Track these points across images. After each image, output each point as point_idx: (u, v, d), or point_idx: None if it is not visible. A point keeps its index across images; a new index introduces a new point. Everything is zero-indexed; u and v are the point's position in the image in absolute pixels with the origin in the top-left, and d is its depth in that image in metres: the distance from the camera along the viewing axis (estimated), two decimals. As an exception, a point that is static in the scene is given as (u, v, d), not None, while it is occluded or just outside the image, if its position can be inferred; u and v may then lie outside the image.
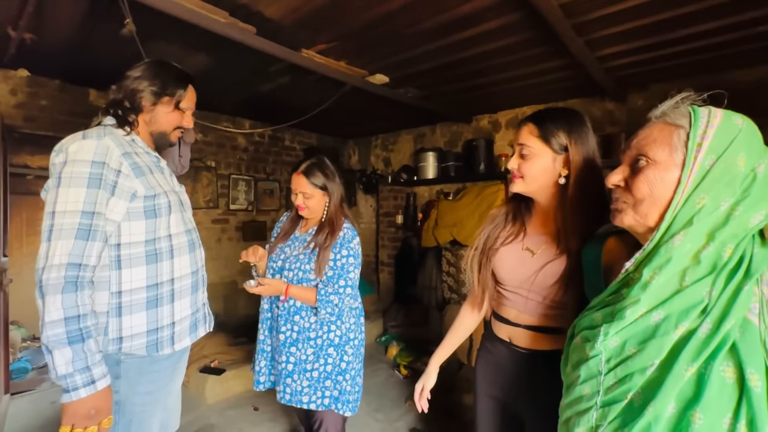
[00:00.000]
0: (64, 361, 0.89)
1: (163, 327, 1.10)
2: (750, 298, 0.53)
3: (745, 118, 0.60)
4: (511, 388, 1.04)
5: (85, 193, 0.95)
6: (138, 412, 1.08)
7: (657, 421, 0.56)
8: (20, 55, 2.26)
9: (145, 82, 1.11)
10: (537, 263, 0.96)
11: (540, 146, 0.93)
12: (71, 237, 0.92)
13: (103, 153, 0.99)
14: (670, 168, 0.60)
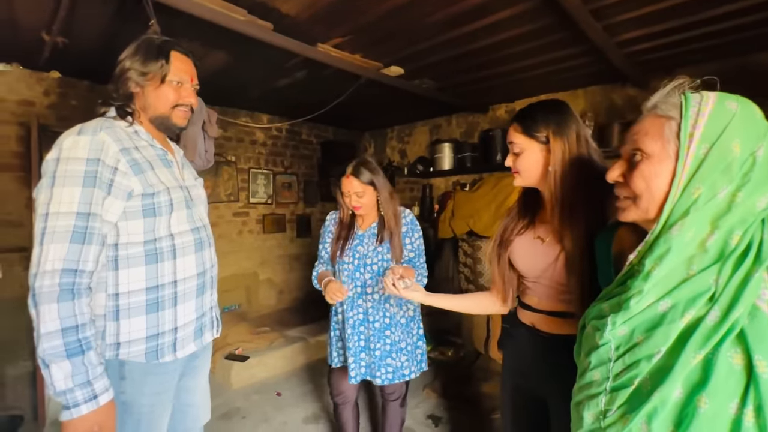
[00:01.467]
0: (62, 375, 0.83)
1: (165, 333, 1.03)
2: (759, 285, 0.54)
3: (741, 100, 0.59)
4: (535, 372, 1.07)
5: (80, 193, 0.87)
6: (146, 412, 1.04)
7: (663, 405, 0.57)
8: (53, 58, 2.37)
9: (128, 63, 1.02)
10: (548, 250, 1.01)
11: (526, 141, 1.00)
12: (66, 240, 0.85)
13: (99, 149, 0.92)
14: (664, 161, 0.61)
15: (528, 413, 1.11)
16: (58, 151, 0.91)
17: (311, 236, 4.38)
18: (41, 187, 0.89)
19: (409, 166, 4.15)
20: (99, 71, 2.66)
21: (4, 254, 2.46)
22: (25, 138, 2.55)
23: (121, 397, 0.99)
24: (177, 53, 1.07)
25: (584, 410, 0.69)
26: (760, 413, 0.51)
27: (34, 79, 2.63)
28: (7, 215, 2.51)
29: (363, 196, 1.62)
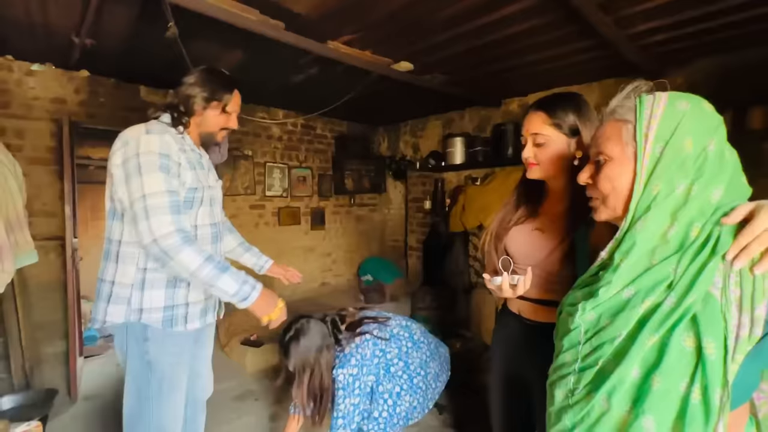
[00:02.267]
0: (228, 283, 1.11)
1: (179, 306, 1.22)
2: (713, 274, 0.57)
3: (692, 99, 0.62)
4: (521, 357, 1.12)
5: (162, 178, 1.11)
6: (168, 371, 1.23)
7: (622, 383, 0.62)
8: (82, 58, 2.52)
9: (197, 89, 1.26)
10: (546, 241, 1.03)
11: (554, 133, 0.97)
12: (167, 213, 1.08)
13: (167, 146, 1.15)
14: (625, 162, 0.65)
15: (515, 398, 1.16)
16: (136, 148, 1.11)
17: (325, 229, 4.49)
18: (130, 176, 1.10)
19: (421, 160, 4.18)
20: (124, 69, 2.81)
21: (40, 242, 2.64)
22: (57, 134, 2.72)
23: (146, 357, 1.19)
24: (237, 91, 1.34)
25: (556, 389, 0.74)
26: (705, 392, 0.55)
27: (66, 78, 2.80)
28: (43, 206, 2.70)
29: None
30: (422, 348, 1.78)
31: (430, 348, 1.84)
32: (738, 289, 0.56)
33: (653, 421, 0.59)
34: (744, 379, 0.60)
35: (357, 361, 1.55)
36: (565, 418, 0.70)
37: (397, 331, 1.74)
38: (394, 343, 1.69)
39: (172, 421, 1.27)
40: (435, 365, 1.81)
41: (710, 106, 0.64)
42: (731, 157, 0.62)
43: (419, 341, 1.79)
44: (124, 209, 1.16)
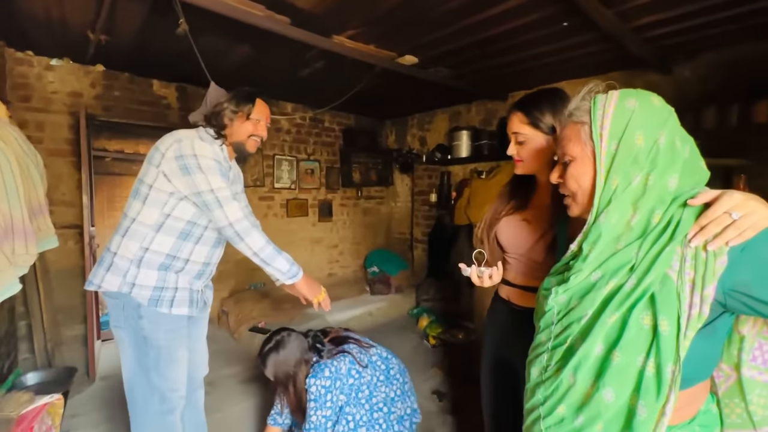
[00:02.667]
0: (282, 263, 1.34)
1: (167, 288, 1.35)
2: (671, 257, 0.61)
3: (640, 95, 0.66)
4: (509, 341, 1.18)
5: (220, 178, 1.32)
6: (164, 345, 1.35)
7: (586, 358, 0.67)
8: (97, 53, 2.62)
9: (225, 104, 1.43)
10: (532, 232, 1.09)
11: (531, 131, 1.03)
12: (231, 202, 1.31)
13: (217, 155, 1.37)
14: (585, 161, 0.69)
15: (503, 380, 1.22)
16: (192, 149, 1.31)
17: (332, 221, 4.56)
18: (192, 172, 1.30)
19: (428, 153, 4.21)
20: (137, 64, 2.90)
21: (60, 230, 2.76)
22: (75, 126, 2.84)
23: (141, 333, 1.31)
24: (260, 99, 1.50)
25: (532, 367, 0.80)
26: (659, 366, 0.60)
27: (82, 72, 2.91)
28: (62, 195, 2.83)
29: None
30: (393, 385, 1.72)
31: (402, 388, 1.77)
32: (692, 271, 0.60)
33: (612, 392, 0.64)
34: (701, 358, 0.64)
35: (331, 373, 1.53)
36: (538, 392, 0.75)
37: (375, 359, 1.70)
38: (370, 371, 1.65)
39: (175, 387, 1.38)
40: (401, 407, 1.73)
41: (660, 100, 0.67)
42: (684, 146, 0.65)
43: (394, 377, 1.74)
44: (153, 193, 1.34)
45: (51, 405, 1.51)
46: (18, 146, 1.47)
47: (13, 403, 1.41)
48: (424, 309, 3.88)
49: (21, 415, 1.38)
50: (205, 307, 1.56)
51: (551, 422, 0.71)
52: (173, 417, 1.41)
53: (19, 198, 1.34)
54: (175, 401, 1.40)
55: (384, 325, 3.77)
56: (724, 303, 0.60)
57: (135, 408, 1.40)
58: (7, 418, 1.33)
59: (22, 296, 2.59)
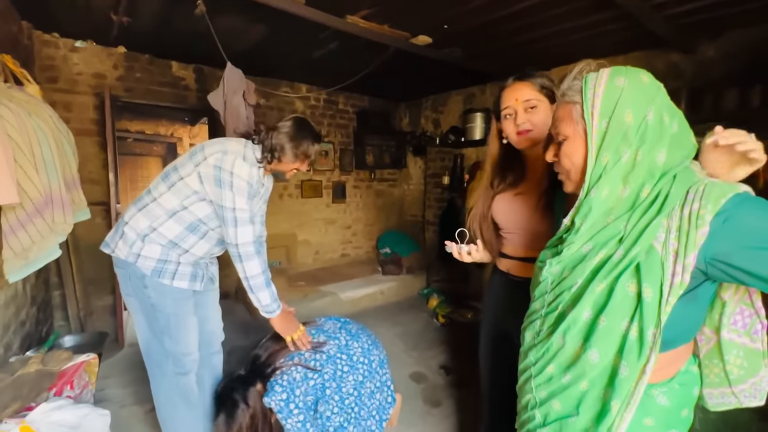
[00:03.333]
0: (265, 296, 1.41)
1: (170, 262, 1.43)
2: (657, 229, 0.65)
3: (629, 73, 0.68)
4: (506, 313, 1.24)
5: (246, 201, 1.40)
6: (172, 312, 1.44)
7: (575, 323, 0.72)
8: (119, 35, 2.70)
9: (288, 144, 1.47)
10: (527, 203, 1.13)
11: (542, 97, 1.07)
12: (247, 224, 1.39)
13: (252, 177, 1.42)
14: (578, 140, 0.72)
15: (500, 349, 1.28)
16: (232, 166, 1.38)
17: (346, 202, 4.64)
18: (224, 186, 1.38)
19: (441, 135, 4.20)
20: (157, 45, 2.98)
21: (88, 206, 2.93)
22: (99, 107, 2.95)
23: (149, 300, 1.41)
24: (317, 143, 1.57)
25: (526, 332, 0.85)
26: (641, 330, 0.65)
27: (105, 54, 3.00)
28: (89, 174, 2.97)
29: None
30: (359, 369, 1.70)
31: (370, 367, 1.75)
32: (676, 242, 0.64)
33: (598, 353, 0.69)
34: (683, 323, 0.69)
35: (283, 387, 1.49)
36: (530, 355, 0.81)
37: (334, 353, 1.67)
38: (331, 365, 1.63)
39: (187, 350, 1.49)
40: (370, 385, 1.73)
41: (648, 77, 0.69)
42: (672, 121, 0.68)
43: (357, 362, 1.71)
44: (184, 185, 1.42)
45: (88, 363, 1.65)
46: (53, 124, 1.57)
47: (55, 359, 1.55)
48: (434, 289, 3.96)
49: (62, 371, 1.52)
50: (210, 282, 1.64)
51: (541, 380, 0.77)
52: (187, 379, 1.51)
53: (57, 171, 1.45)
54: (189, 364, 1.50)
55: (395, 303, 3.87)
56: (706, 271, 0.63)
57: (152, 370, 1.51)
58: (51, 371, 1.47)
59: (55, 268, 2.77)
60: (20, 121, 1.26)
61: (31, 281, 2.27)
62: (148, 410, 2.04)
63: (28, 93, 1.60)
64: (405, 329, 3.24)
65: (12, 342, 1.84)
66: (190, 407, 1.53)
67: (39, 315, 2.39)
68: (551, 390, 0.76)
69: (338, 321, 1.91)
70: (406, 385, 2.36)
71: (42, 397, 1.38)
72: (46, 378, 1.43)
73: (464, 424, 2.03)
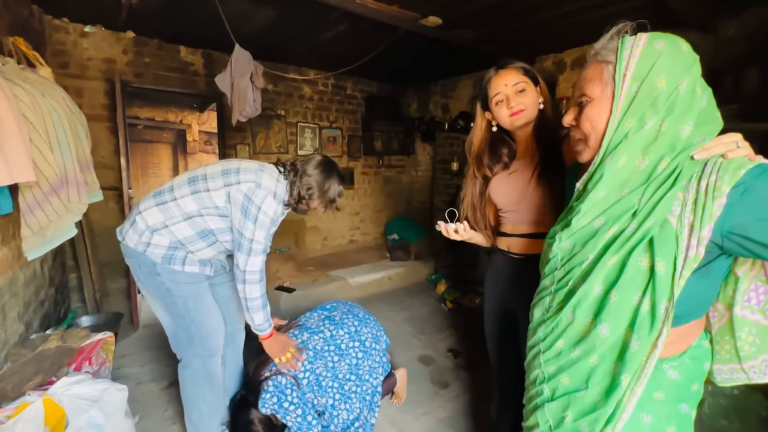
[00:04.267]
0: (259, 317, 1.45)
1: (179, 248, 1.46)
2: (671, 203, 0.64)
3: (669, 38, 0.65)
4: (507, 290, 1.25)
5: (265, 235, 1.43)
6: (188, 293, 1.47)
7: (585, 298, 0.71)
8: (128, 19, 2.69)
9: (318, 192, 1.52)
10: (522, 179, 1.17)
11: (528, 80, 1.14)
12: (259, 255, 1.43)
13: (277, 215, 1.47)
14: (603, 102, 0.69)
15: (505, 327, 1.30)
16: (261, 202, 1.41)
17: (354, 188, 4.64)
18: (248, 217, 1.41)
19: (450, 121, 4.15)
20: (165, 29, 2.97)
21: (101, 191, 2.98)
22: (110, 92, 2.97)
23: (164, 286, 1.44)
24: None
25: (535, 309, 0.85)
26: (653, 304, 0.64)
27: (115, 39, 3.00)
28: (101, 159, 3.01)
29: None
30: (351, 353, 1.75)
31: (363, 347, 1.80)
32: (692, 215, 0.62)
33: (608, 328, 0.69)
34: (696, 297, 0.68)
35: (271, 393, 1.55)
36: (539, 331, 0.81)
37: (321, 346, 1.70)
38: (320, 360, 1.67)
39: (212, 331, 1.52)
40: (367, 362, 1.78)
41: (687, 46, 0.66)
42: (703, 94, 0.66)
43: (348, 348, 1.76)
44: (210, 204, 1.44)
45: (105, 341, 1.70)
46: (66, 105, 1.59)
47: (73, 337, 1.61)
48: (442, 275, 3.97)
49: (81, 347, 1.57)
50: (222, 269, 1.67)
51: (550, 356, 0.78)
52: (214, 360, 1.55)
53: (71, 151, 1.47)
54: (215, 345, 1.54)
55: (403, 288, 3.90)
56: (721, 245, 0.62)
57: (181, 353, 1.55)
58: (70, 348, 1.52)
59: (71, 251, 2.84)
60: (35, 102, 1.28)
61: (49, 263, 2.33)
62: (163, 387, 2.10)
63: (41, 75, 1.62)
64: (413, 314, 3.27)
65: (32, 320, 1.90)
66: (214, 388, 1.58)
67: (57, 296, 2.46)
68: (560, 365, 0.76)
69: (323, 310, 1.94)
70: (414, 367, 2.39)
71: (62, 372, 1.43)
72: (66, 354, 1.48)
73: (472, 404, 2.06)
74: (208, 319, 1.52)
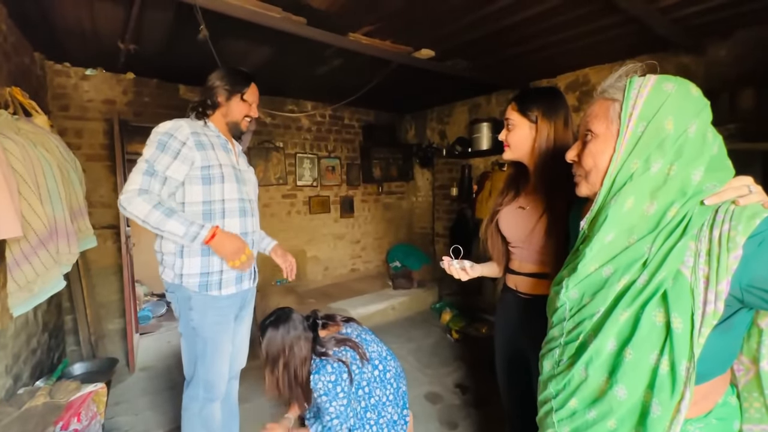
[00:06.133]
0: (175, 226, 1.23)
1: (213, 273, 1.38)
2: (683, 253, 0.60)
3: (679, 81, 0.63)
4: (517, 330, 1.20)
5: (153, 152, 1.29)
6: (210, 336, 1.41)
7: (598, 354, 0.66)
8: (127, 62, 2.75)
9: (219, 83, 1.46)
10: (528, 217, 1.13)
11: (518, 118, 1.12)
12: (139, 176, 1.27)
13: (175, 129, 1.33)
14: (608, 139, 0.67)
15: (516, 369, 1.24)
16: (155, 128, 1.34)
17: (354, 216, 4.62)
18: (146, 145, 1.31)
19: (447, 146, 4.17)
20: (164, 70, 3.03)
21: (99, 230, 2.95)
22: (109, 132, 3.00)
23: (191, 324, 1.38)
24: (253, 84, 1.51)
25: (544, 360, 0.80)
26: (673, 364, 0.59)
27: (114, 81, 3.06)
28: (100, 198, 3.01)
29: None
30: (387, 389, 1.70)
31: (396, 394, 1.75)
32: (706, 267, 0.58)
33: (626, 389, 0.63)
34: (718, 354, 0.63)
35: (333, 369, 1.52)
36: (550, 386, 0.75)
37: (374, 358, 1.69)
38: (370, 367, 1.64)
39: (218, 378, 1.46)
40: (392, 411, 1.71)
41: (697, 90, 0.64)
42: (714, 140, 0.63)
43: (389, 381, 1.71)
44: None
45: (96, 393, 1.63)
46: (59, 153, 1.59)
47: (62, 390, 1.54)
48: (447, 303, 3.88)
49: (69, 402, 1.50)
50: (255, 277, 1.57)
51: (563, 415, 0.71)
52: (213, 406, 1.48)
53: (62, 201, 1.45)
54: (218, 392, 1.48)
55: (407, 318, 3.80)
56: (742, 299, 0.58)
57: (185, 393, 1.48)
58: (58, 404, 1.45)
59: (67, 292, 2.79)
60: (25, 153, 1.27)
61: (43, 307, 2.28)
62: (158, 438, 2.00)
63: (35, 124, 1.62)
64: (418, 345, 3.16)
65: (22, 372, 1.83)
66: None
67: (51, 341, 2.39)
68: (575, 426, 0.70)
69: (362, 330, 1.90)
70: (421, 405, 2.28)
71: None
72: (53, 411, 1.41)
73: (482, 448, 1.95)
74: (219, 366, 1.45)
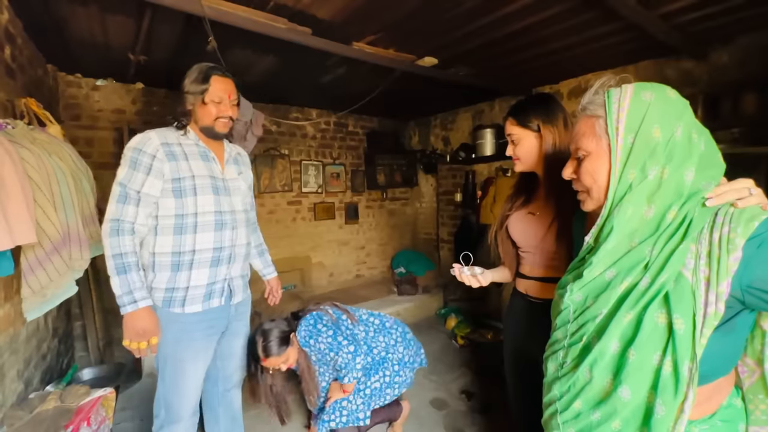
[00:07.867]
0: (116, 285, 1.19)
1: (178, 288, 1.29)
2: (685, 255, 0.61)
3: (656, 88, 0.65)
4: (526, 334, 1.21)
5: (126, 172, 1.25)
6: (170, 354, 1.31)
7: (602, 356, 0.67)
8: (137, 72, 2.82)
9: (185, 87, 1.34)
10: (539, 223, 1.15)
11: (521, 131, 1.13)
12: (113, 203, 1.24)
13: (143, 143, 1.27)
14: (601, 155, 0.69)
15: (526, 373, 1.24)
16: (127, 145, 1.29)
17: (359, 223, 4.64)
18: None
19: (451, 152, 4.20)
20: (172, 80, 3.09)
21: (108, 237, 3.01)
22: (119, 141, 3.06)
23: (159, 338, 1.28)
24: (217, 77, 1.34)
25: (548, 362, 0.80)
26: (675, 365, 0.60)
27: (124, 91, 3.13)
28: (109, 205, 3.06)
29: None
30: (392, 334, 1.84)
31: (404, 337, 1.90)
32: (707, 268, 0.59)
33: (629, 390, 0.64)
34: (721, 355, 0.64)
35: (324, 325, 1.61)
36: (555, 388, 0.76)
37: (365, 317, 1.83)
38: (362, 326, 1.77)
39: (179, 399, 1.34)
40: (404, 351, 1.86)
41: (675, 93, 0.66)
42: (700, 138, 0.64)
43: (390, 328, 1.86)
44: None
45: (105, 398, 1.65)
46: (72, 162, 1.63)
47: (72, 395, 1.56)
48: (452, 309, 3.87)
49: (79, 407, 1.52)
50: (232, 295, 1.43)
51: (568, 416, 0.72)
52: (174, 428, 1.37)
53: (74, 208, 1.49)
54: (177, 415, 1.36)
55: (412, 325, 3.77)
56: (743, 300, 0.59)
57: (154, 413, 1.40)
58: (68, 408, 1.47)
59: (77, 299, 2.82)
60: (40, 162, 1.31)
61: (53, 314, 2.31)
62: (165, 443, 2.01)
63: (49, 133, 1.67)
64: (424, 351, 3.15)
65: (33, 377, 1.86)
66: None
67: (60, 347, 2.42)
68: (580, 427, 0.71)
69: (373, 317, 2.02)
70: (427, 411, 2.28)
71: (59, 435, 1.38)
72: (64, 415, 1.43)
73: (489, 454, 1.93)
74: (179, 385, 1.34)
